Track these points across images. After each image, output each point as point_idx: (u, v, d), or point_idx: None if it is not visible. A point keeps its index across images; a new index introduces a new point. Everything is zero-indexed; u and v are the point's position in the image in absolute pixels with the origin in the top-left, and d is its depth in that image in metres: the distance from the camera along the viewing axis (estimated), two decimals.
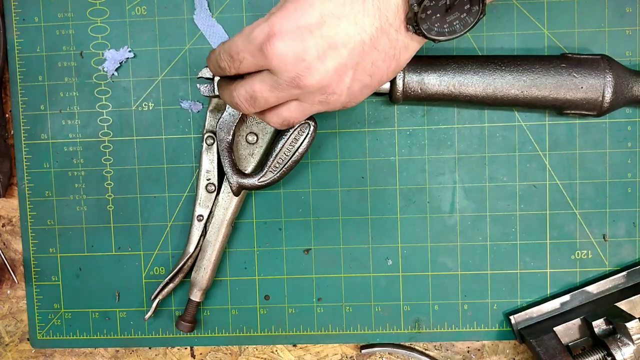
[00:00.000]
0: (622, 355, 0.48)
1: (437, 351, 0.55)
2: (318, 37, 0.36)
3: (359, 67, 0.37)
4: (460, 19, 0.37)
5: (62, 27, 0.54)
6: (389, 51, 0.37)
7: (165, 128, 0.54)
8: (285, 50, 0.36)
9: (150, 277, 0.55)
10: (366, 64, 0.37)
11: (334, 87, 0.38)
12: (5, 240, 0.56)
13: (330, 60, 0.36)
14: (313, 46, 0.36)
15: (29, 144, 0.55)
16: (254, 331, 0.55)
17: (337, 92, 0.38)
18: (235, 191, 0.50)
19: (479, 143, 0.53)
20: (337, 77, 0.37)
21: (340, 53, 0.36)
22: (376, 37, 0.36)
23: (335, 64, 0.36)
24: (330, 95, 0.38)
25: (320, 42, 0.36)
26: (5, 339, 0.57)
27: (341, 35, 0.36)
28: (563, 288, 0.53)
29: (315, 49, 0.36)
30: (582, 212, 0.53)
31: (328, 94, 0.38)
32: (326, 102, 0.39)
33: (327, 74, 0.37)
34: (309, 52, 0.36)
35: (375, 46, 0.37)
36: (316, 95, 0.38)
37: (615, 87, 0.47)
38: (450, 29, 0.38)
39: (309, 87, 0.37)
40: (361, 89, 0.39)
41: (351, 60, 0.37)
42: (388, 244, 0.54)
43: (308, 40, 0.36)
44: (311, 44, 0.36)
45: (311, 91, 0.38)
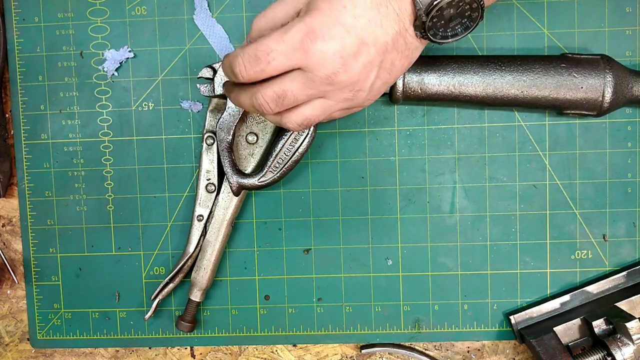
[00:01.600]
0: (622, 355, 0.48)
1: (437, 351, 0.55)
2: (354, 36, 0.38)
3: (382, 65, 0.40)
4: (461, 24, 0.41)
5: (62, 27, 0.54)
6: (405, 52, 0.41)
7: (165, 128, 0.54)
8: (326, 47, 0.38)
9: (150, 277, 0.55)
10: (387, 62, 0.41)
11: (362, 83, 0.40)
12: (5, 240, 0.56)
13: (361, 58, 0.39)
14: (349, 44, 0.39)
15: (29, 144, 0.55)
16: (254, 331, 0.55)
17: (363, 89, 0.41)
18: (235, 191, 0.50)
19: (479, 143, 0.53)
20: (365, 74, 0.40)
21: (370, 51, 0.39)
22: (396, 39, 0.40)
23: (364, 61, 0.39)
24: (357, 92, 0.41)
25: (355, 40, 0.39)
26: (5, 339, 0.57)
27: (371, 35, 0.39)
28: (563, 288, 0.53)
29: (351, 47, 0.39)
30: (582, 212, 0.53)
31: (355, 91, 0.41)
32: (351, 99, 0.42)
33: (358, 71, 0.40)
34: (346, 50, 0.39)
35: (395, 47, 0.40)
36: (344, 92, 0.41)
37: (615, 87, 0.47)
38: (452, 32, 0.41)
39: (342, 83, 0.40)
40: (381, 85, 0.42)
41: (377, 58, 0.40)
42: (388, 244, 0.54)
43: (345, 38, 0.38)
44: (348, 42, 0.38)
45: (342, 87, 0.40)
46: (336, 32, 0.38)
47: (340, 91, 0.41)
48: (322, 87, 0.40)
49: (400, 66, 0.42)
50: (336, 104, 0.42)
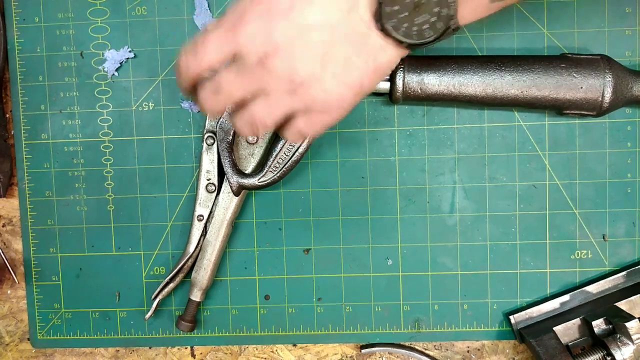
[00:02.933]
0: (621, 355, 0.48)
1: (437, 351, 0.55)
2: (287, 20, 0.36)
3: (329, 58, 0.36)
4: (429, 23, 0.36)
5: (62, 27, 0.54)
6: (362, 48, 0.37)
7: (165, 128, 0.54)
8: (254, 29, 0.36)
9: (150, 277, 0.55)
10: (337, 56, 0.37)
11: (303, 74, 0.37)
12: (6, 240, 0.57)
13: (298, 45, 0.36)
14: (281, 28, 0.36)
15: (29, 144, 0.55)
16: (254, 331, 0.55)
17: (306, 82, 0.37)
18: (235, 191, 0.50)
19: (478, 143, 0.53)
20: (303, 64, 0.37)
21: (309, 38, 0.36)
22: (345, 28, 0.36)
23: (302, 49, 0.36)
24: (300, 86, 0.37)
25: (288, 25, 0.36)
26: (5, 339, 0.57)
27: (309, 20, 0.36)
28: (563, 288, 0.53)
29: (283, 31, 0.36)
30: (582, 212, 0.53)
31: (297, 84, 0.37)
32: (296, 94, 0.38)
33: (293, 58, 0.36)
34: (276, 33, 0.36)
35: (345, 38, 0.36)
36: (283, 83, 0.37)
37: (614, 87, 0.47)
38: (418, 31, 0.36)
39: (277, 70, 0.37)
40: (336, 85, 0.37)
41: (319, 47, 0.36)
42: (388, 244, 0.54)
43: (277, 22, 0.36)
44: (280, 26, 0.36)
45: (279, 77, 0.37)
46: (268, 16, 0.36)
47: (278, 82, 0.37)
48: (257, 74, 0.37)
49: (363, 66, 0.37)
50: (279, 99, 0.38)
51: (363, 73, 0.38)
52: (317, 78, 0.37)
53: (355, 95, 0.39)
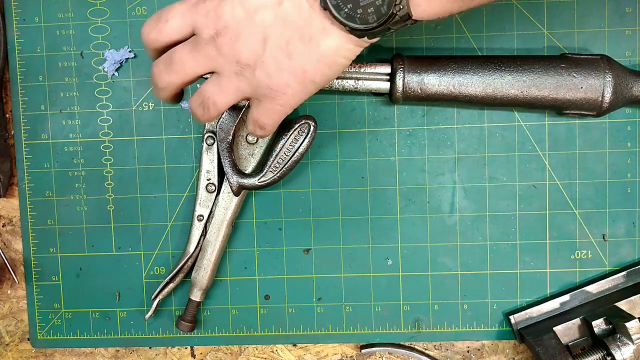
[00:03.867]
0: (621, 355, 0.48)
1: (437, 351, 0.55)
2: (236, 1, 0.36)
3: (272, 41, 0.36)
4: (374, 7, 0.34)
5: (62, 27, 0.54)
6: (304, 30, 0.35)
7: (165, 128, 0.54)
8: (210, 7, 0.37)
9: (150, 277, 0.55)
10: (280, 39, 0.36)
11: (247, 56, 0.37)
12: (6, 240, 0.57)
13: (244, 25, 0.36)
14: (231, 8, 0.36)
15: (30, 144, 0.55)
16: (254, 331, 0.55)
17: (250, 64, 0.37)
18: (235, 191, 0.50)
19: (478, 143, 0.53)
20: (248, 46, 0.36)
21: (254, 19, 0.36)
22: (288, 9, 0.35)
23: (247, 30, 0.36)
24: (246, 69, 0.37)
25: (239, 5, 0.36)
26: (5, 339, 0.57)
27: (257, 1, 0.36)
28: (563, 288, 0.53)
29: (232, 11, 0.36)
30: (582, 212, 0.53)
31: (243, 65, 0.37)
32: (243, 77, 0.38)
33: (238, 39, 0.36)
34: (227, 13, 0.36)
35: (288, 20, 0.35)
36: (231, 64, 0.37)
37: (614, 87, 0.47)
38: (362, 16, 0.34)
39: (223, 49, 0.37)
40: (278, 69, 0.37)
41: (262, 29, 0.36)
42: (388, 244, 0.54)
43: (229, 2, 0.36)
44: (230, 5, 0.36)
45: (225, 57, 0.37)
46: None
47: (226, 62, 0.37)
48: (208, 52, 0.37)
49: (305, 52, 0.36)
50: (228, 80, 0.38)
51: (306, 59, 0.36)
52: (261, 61, 0.37)
53: (299, 83, 0.37)
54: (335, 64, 0.37)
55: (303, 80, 0.37)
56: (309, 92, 0.38)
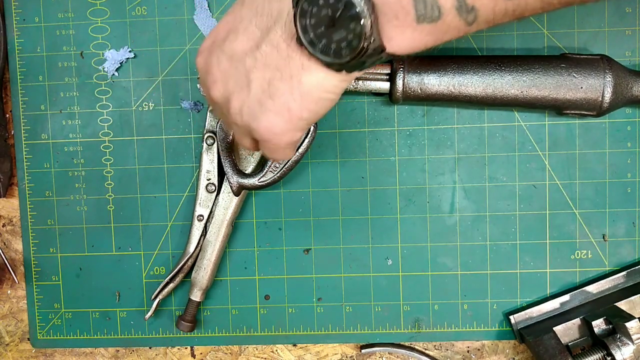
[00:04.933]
0: (621, 355, 0.48)
1: (437, 351, 0.55)
2: (220, 51, 0.37)
3: (254, 84, 0.36)
4: (347, 41, 0.33)
5: (62, 27, 0.54)
6: (285, 69, 0.35)
7: (165, 128, 0.54)
8: (200, 64, 0.40)
9: (150, 277, 0.55)
10: (262, 81, 0.36)
11: (234, 104, 0.38)
12: (6, 240, 0.57)
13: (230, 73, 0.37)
14: (215, 59, 0.38)
15: (30, 144, 0.55)
16: (254, 331, 0.55)
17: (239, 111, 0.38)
18: (235, 191, 0.50)
19: (478, 143, 0.53)
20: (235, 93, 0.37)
21: (237, 65, 0.36)
22: (266, 50, 0.35)
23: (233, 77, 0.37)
24: (234, 116, 0.38)
25: (221, 55, 0.37)
26: (5, 339, 0.57)
27: (237, 48, 0.36)
28: (563, 288, 0.53)
29: (218, 62, 0.37)
30: (582, 212, 0.53)
31: (234, 113, 0.38)
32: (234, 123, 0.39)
33: (227, 87, 0.37)
34: (212, 64, 0.38)
35: (267, 61, 0.35)
36: (227, 113, 0.39)
37: (614, 87, 0.47)
38: (336, 49, 0.33)
39: (217, 100, 0.39)
40: (262, 111, 0.37)
41: (244, 74, 0.36)
42: (388, 244, 0.54)
43: (213, 53, 0.38)
44: (214, 57, 0.38)
45: (221, 107, 0.39)
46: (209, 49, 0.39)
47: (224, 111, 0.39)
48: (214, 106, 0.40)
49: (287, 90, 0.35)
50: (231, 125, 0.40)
51: (289, 98, 0.36)
52: (247, 105, 0.37)
53: (286, 122, 0.37)
54: (320, 100, 0.36)
55: (289, 118, 0.37)
56: (301, 128, 0.38)
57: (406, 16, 0.32)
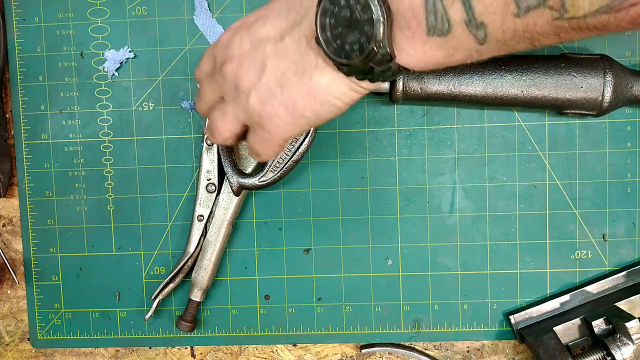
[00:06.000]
0: (621, 355, 0.48)
1: (437, 351, 0.55)
2: (247, 32, 0.38)
3: (268, 70, 0.37)
4: (359, 43, 0.33)
5: (62, 27, 0.54)
6: (300, 64, 0.36)
7: (165, 128, 0.54)
8: (224, 38, 0.40)
9: (150, 277, 0.55)
10: (276, 70, 0.37)
11: (244, 83, 0.38)
12: (6, 240, 0.57)
13: (248, 55, 0.38)
14: (240, 39, 0.39)
15: (30, 144, 0.55)
16: (254, 331, 0.55)
17: (245, 91, 0.38)
18: (235, 191, 0.50)
19: (478, 143, 0.53)
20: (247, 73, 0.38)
21: (258, 49, 0.37)
22: (288, 42, 0.36)
23: (249, 59, 0.38)
24: (241, 94, 0.39)
25: (247, 37, 0.38)
26: (5, 339, 0.57)
27: (262, 33, 0.37)
28: (563, 288, 0.53)
29: (240, 42, 0.38)
30: (582, 212, 0.53)
31: (239, 91, 0.39)
32: (238, 100, 0.39)
33: (241, 66, 0.38)
34: (235, 43, 0.39)
35: (286, 53, 0.36)
36: (230, 90, 0.39)
37: (615, 87, 0.47)
38: (348, 51, 0.34)
39: (226, 76, 0.39)
40: (269, 97, 0.38)
41: (261, 58, 0.37)
42: (388, 244, 0.54)
43: (239, 34, 0.39)
44: (239, 37, 0.39)
45: (227, 83, 0.40)
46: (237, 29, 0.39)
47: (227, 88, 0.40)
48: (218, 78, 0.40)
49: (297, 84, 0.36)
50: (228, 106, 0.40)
51: (297, 92, 0.37)
52: (255, 87, 0.38)
53: (288, 114, 0.38)
54: (326, 103, 0.37)
55: (292, 112, 0.38)
56: (300, 126, 0.39)
57: (417, 27, 0.32)
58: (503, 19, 0.30)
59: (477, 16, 0.30)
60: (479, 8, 0.30)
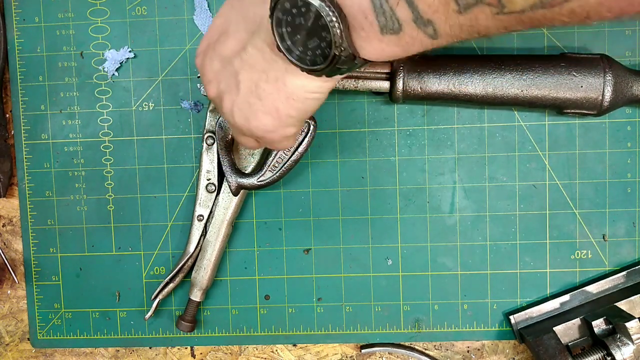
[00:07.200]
0: (621, 355, 0.48)
1: (437, 351, 0.55)
2: (212, 52, 0.39)
3: (242, 85, 0.38)
4: (320, 49, 0.33)
5: (62, 27, 0.54)
6: (270, 72, 0.36)
7: (165, 128, 0.54)
8: (198, 65, 0.41)
9: (150, 277, 0.55)
10: (249, 83, 0.37)
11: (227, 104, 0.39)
12: (6, 240, 0.57)
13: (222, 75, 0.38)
14: (209, 60, 0.39)
15: (30, 144, 0.55)
16: (254, 331, 0.55)
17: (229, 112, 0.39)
18: (234, 191, 0.50)
19: (478, 143, 0.53)
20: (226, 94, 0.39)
21: (228, 67, 0.38)
22: (252, 52, 0.36)
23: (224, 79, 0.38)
24: (227, 114, 0.40)
25: (214, 56, 0.39)
26: (5, 339, 0.57)
27: (227, 50, 0.38)
28: (563, 288, 0.53)
29: (209, 62, 0.39)
30: (582, 212, 0.53)
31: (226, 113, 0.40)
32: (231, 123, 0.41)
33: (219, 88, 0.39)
34: (206, 65, 0.40)
35: (253, 64, 0.37)
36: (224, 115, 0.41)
37: (615, 86, 0.47)
38: (312, 57, 0.34)
39: (213, 99, 0.41)
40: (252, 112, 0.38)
41: (233, 76, 0.38)
42: (388, 244, 0.54)
43: (207, 55, 0.39)
44: (207, 58, 0.39)
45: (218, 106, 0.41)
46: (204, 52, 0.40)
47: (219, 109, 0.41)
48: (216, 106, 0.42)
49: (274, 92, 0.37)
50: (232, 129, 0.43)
51: (275, 99, 0.37)
52: (236, 106, 0.39)
53: (275, 119, 0.38)
54: (307, 100, 0.37)
55: (278, 117, 0.38)
56: (292, 124, 0.40)
57: (370, 28, 0.32)
58: (447, 16, 0.31)
59: (423, 14, 0.31)
60: (422, 7, 0.30)
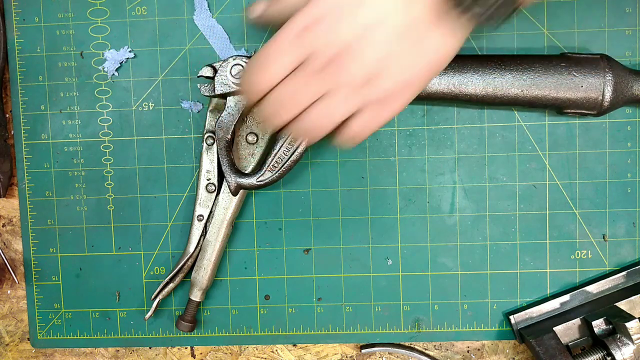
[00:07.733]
0: (621, 355, 0.48)
1: (437, 351, 0.55)
2: (353, 18, 0.37)
3: (392, 47, 0.38)
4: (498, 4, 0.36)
5: (62, 27, 0.54)
6: (417, 35, 0.38)
7: (165, 128, 0.54)
8: (324, 30, 0.38)
9: (150, 277, 0.55)
10: (411, 34, 0.38)
11: (370, 69, 0.38)
12: (6, 240, 0.57)
13: (366, 42, 0.37)
14: (346, 26, 0.37)
15: (29, 144, 0.55)
16: (254, 331, 0.55)
17: (372, 77, 0.38)
18: (233, 191, 0.50)
19: (478, 143, 0.53)
20: (370, 58, 0.38)
21: (374, 34, 0.37)
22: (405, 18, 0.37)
23: (370, 45, 0.37)
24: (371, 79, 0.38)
25: (355, 24, 0.37)
26: (5, 339, 0.57)
27: (371, 18, 0.37)
28: (563, 288, 0.53)
29: (350, 30, 0.37)
30: (582, 212, 0.53)
31: (368, 78, 0.38)
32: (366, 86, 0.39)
33: (363, 54, 0.38)
34: (343, 33, 0.38)
35: (407, 29, 0.37)
36: (355, 80, 0.38)
37: (615, 86, 0.47)
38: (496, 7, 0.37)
39: (348, 68, 0.38)
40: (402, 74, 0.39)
41: (384, 42, 0.38)
42: (388, 244, 0.54)
43: (344, 22, 0.37)
44: (346, 25, 0.37)
45: (350, 74, 0.38)
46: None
47: (349, 79, 0.39)
48: (326, 75, 0.38)
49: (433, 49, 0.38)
50: (345, 97, 0.39)
51: (432, 60, 0.39)
52: (386, 67, 0.38)
53: (422, 79, 0.40)
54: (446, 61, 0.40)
55: (428, 76, 0.40)
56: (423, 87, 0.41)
57: None
58: None
59: None
60: None
